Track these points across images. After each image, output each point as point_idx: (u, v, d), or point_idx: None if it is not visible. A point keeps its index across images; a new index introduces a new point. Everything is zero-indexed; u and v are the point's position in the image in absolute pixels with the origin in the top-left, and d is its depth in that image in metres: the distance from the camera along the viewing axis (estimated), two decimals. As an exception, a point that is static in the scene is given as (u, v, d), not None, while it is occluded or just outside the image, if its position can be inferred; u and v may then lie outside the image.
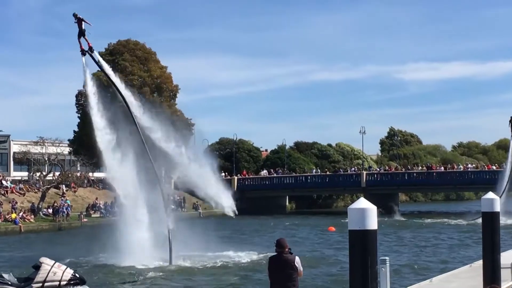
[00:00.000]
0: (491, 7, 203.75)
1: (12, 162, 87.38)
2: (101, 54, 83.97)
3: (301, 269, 13.14)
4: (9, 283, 23.21)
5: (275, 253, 13.22)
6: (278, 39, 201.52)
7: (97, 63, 40.70)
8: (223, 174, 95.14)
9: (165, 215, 35.89)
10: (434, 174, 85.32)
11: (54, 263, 23.83)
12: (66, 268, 23.95)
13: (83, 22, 37.07)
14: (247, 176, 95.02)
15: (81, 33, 37.07)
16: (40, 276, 23.17)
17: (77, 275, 23.91)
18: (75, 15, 37.05)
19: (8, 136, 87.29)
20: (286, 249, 13.11)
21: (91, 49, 38.39)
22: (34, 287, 23.17)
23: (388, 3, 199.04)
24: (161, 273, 30.98)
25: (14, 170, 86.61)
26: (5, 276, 23.38)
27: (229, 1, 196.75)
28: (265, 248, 35.80)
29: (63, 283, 23.62)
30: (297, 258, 13.10)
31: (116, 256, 33.88)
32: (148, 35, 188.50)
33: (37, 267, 23.44)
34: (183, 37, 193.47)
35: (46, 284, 23.24)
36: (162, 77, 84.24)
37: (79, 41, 37.52)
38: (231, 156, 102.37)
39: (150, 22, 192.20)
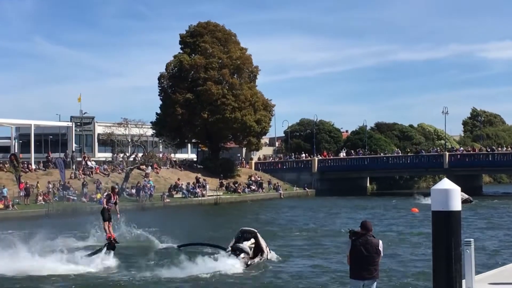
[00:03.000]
0: None
1: (96, 144, 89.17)
2: (182, 36, 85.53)
3: (382, 254, 12.94)
4: (249, 253, 26.56)
5: (357, 235, 12.91)
6: (358, 19, 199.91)
7: None
8: (304, 155, 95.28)
9: None
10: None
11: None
12: None
13: None
14: (327, 157, 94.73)
15: None
16: (262, 243, 27.31)
17: None
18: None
19: (93, 118, 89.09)
20: (371, 232, 12.89)
21: None
22: (266, 252, 27.32)
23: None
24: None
25: (99, 151, 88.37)
26: (241, 245, 26.62)
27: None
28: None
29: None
30: (380, 242, 12.86)
31: None
32: (228, 16, 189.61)
33: (247, 238, 27.12)
34: (263, 18, 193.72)
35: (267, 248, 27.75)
36: (242, 59, 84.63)
37: None
38: (311, 137, 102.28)
39: (230, 4, 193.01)
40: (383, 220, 49.17)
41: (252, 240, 27.24)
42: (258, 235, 27.59)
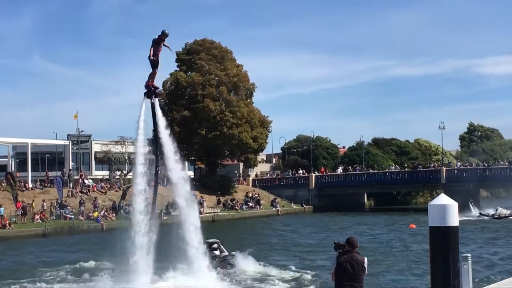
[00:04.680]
0: None
1: (93, 162, 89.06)
2: (178, 53, 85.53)
3: (366, 271, 12.81)
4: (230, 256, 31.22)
5: (342, 252, 12.77)
6: (355, 35, 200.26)
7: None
8: (301, 171, 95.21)
9: None
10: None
11: None
12: None
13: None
14: (325, 173, 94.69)
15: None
16: (225, 250, 31.99)
17: None
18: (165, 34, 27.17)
19: (90, 136, 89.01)
20: (356, 249, 12.78)
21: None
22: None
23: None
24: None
25: (96, 169, 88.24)
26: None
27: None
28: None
29: None
30: (365, 259, 12.75)
31: None
32: (224, 33, 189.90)
33: (215, 248, 31.28)
34: (259, 35, 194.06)
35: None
36: (238, 76, 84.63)
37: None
38: (308, 153, 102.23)
39: (226, 21, 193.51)
40: (380, 235, 49.15)
41: (218, 251, 31.70)
42: (220, 245, 32.32)
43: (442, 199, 12.59)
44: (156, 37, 26.76)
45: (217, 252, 30.92)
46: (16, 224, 56.07)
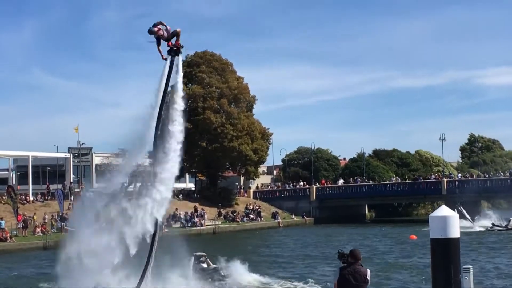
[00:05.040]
0: None
1: (94, 174, 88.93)
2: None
3: (369, 283, 12.83)
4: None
5: (346, 264, 12.80)
6: (356, 47, 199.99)
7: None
8: (302, 183, 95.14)
9: None
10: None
11: None
12: None
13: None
14: (325, 185, 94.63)
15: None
16: (211, 264, 31.75)
17: None
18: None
19: (91, 148, 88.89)
20: (359, 261, 12.81)
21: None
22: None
23: (467, 6, 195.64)
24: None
25: (97, 182, 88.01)
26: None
27: (305, 10, 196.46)
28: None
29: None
30: (368, 271, 12.78)
31: None
32: (224, 46, 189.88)
33: (202, 261, 31.34)
34: (259, 47, 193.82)
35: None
36: (239, 88, 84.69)
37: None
38: (309, 165, 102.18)
39: (225, 33, 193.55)
40: (381, 247, 49.06)
41: (205, 264, 31.62)
42: (207, 258, 32.16)
43: (443, 210, 12.62)
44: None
45: (204, 265, 31.35)
46: (17, 237, 56.01)
